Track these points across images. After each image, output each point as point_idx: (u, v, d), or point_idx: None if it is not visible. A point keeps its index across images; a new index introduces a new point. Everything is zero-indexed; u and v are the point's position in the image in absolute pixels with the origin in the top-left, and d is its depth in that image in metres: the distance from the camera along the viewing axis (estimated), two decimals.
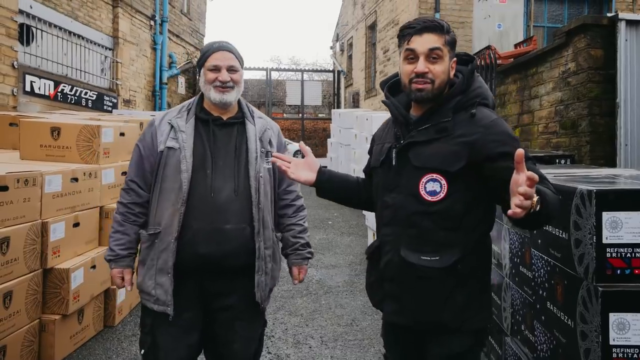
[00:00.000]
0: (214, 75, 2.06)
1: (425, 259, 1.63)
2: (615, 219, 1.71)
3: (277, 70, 25.31)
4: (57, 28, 8.94)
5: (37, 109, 7.88)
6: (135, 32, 11.70)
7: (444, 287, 1.63)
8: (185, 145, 2.03)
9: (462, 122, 1.63)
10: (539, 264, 2.30)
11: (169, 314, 2.01)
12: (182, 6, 14.94)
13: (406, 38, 1.65)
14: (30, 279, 3.05)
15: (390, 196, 1.71)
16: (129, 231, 2.13)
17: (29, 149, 3.83)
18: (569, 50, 5.48)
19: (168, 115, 2.13)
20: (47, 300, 3.23)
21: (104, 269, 3.33)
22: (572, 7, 10.48)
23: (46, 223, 3.19)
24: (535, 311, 2.35)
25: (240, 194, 2.05)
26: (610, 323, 1.68)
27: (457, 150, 1.59)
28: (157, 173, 2.07)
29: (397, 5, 11.09)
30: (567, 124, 5.59)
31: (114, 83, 10.82)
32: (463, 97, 1.67)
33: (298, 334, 3.81)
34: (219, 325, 2.12)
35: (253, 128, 2.15)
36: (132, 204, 2.12)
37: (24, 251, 2.98)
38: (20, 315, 2.96)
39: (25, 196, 3.01)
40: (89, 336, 3.58)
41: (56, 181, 3.33)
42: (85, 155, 3.80)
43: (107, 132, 3.91)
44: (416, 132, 1.66)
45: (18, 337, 2.95)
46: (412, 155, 1.65)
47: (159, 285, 2.02)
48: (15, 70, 7.27)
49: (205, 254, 2.00)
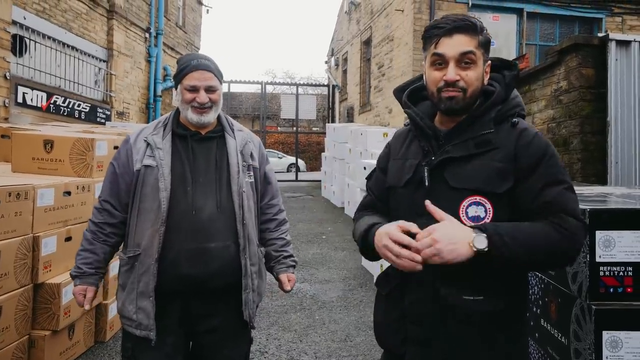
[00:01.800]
0: (192, 96, 1.99)
1: (469, 299, 1.38)
2: (609, 237, 1.73)
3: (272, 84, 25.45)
4: (51, 39, 8.96)
5: (28, 120, 7.86)
6: (130, 45, 11.74)
7: (487, 332, 1.39)
8: (163, 162, 1.97)
9: (504, 135, 1.42)
10: (533, 281, 2.32)
11: (151, 338, 1.94)
12: (177, 19, 15.02)
13: (433, 40, 1.43)
14: (21, 294, 3.02)
15: (420, 222, 1.39)
16: (98, 250, 2.07)
17: (21, 161, 3.82)
18: (561, 69, 5.57)
19: (144, 132, 2.07)
20: (37, 315, 3.20)
21: None
22: (564, 26, 10.68)
23: (37, 237, 3.17)
24: (529, 327, 2.36)
25: (223, 210, 1.99)
26: (604, 341, 1.69)
27: (503, 167, 1.38)
28: (135, 192, 2.00)
29: (392, 21, 11.22)
30: (559, 142, 5.66)
31: (107, 95, 10.83)
32: (504, 107, 1.47)
33: (292, 349, 3.79)
34: (204, 349, 2.06)
35: (234, 141, 2.09)
36: (104, 223, 2.07)
37: (14, 266, 2.96)
38: (9, 331, 2.93)
39: (16, 210, 3.00)
40: (79, 352, 3.55)
41: (48, 195, 3.31)
42: (78, 169, 3.79)
43: (101, 145, 3.91)
44: (452, 147, 1.43)
45: (6, 354, 2.92)
46: (448, 174, 1.42)
47: (141, 309, 1.94)
48: (7, 81, 7.27)
49: (188, 274, 1.93)
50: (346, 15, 16.20)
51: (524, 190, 1.36)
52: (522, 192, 1.36)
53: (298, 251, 6.76)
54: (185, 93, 2.01)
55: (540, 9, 10.43)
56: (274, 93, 26.32)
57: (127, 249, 2.04)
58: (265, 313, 4.52)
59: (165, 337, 1.97)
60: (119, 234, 2.09)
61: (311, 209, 9.98)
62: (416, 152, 1.53)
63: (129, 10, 11.59)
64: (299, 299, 4.94)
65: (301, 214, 9.39)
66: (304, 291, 5.18)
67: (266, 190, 2.25)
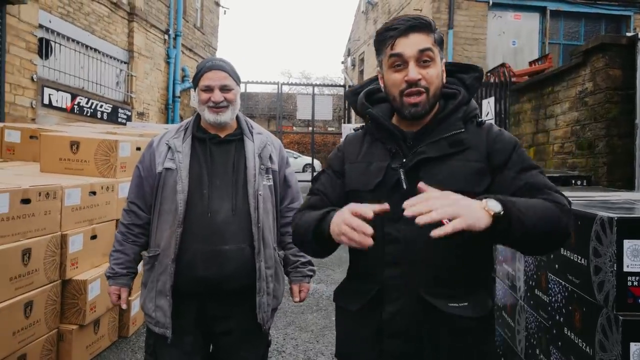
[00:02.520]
0: (207, 96, 2.02)
1: (454, 306, 1.32)
2: (637, 246, 1.70)
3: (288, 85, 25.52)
4: (75, 42, 9.11)
5: (54, 121, 8.00)
6: (150, 46, 11.87)
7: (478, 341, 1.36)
8: (182, 165, 2.00)
9: (473, 134, 1.42)
10: (555, 288, 2.29)
11: (167, 336, 1.98)
12: (195, 21, 15.14)
13: (388, 42, 1.38)
14: (50, 290, 3.10)
15: (396, 227, 1.35)
16: (128, 251, 2.12)
17: (49, 162, 3.90)
18: (587, 70, 5.47)
19: (166, 136, 2.11)
20: (65, 310, 3.28)
21: None
22: (589, 24, 10.41)
23: (65, 235, 3.25)
24: (551, 336, 2.33)
25: (239, 213, 2.00)
26: (632, 352, 1.66)
27: (480, 167, 1.37)
28: (156, 195, 2.05)
29: None
30: (583, 145, 5.57)
31: (128, 96, 10.96)
32: (468, 108, 1.46)
33: (309, 350, 3.81)
34: (221, 350, 2.10)
35: (252, 144, 2.09)
36: (131, 225, 2.12)
37: (44, 262, 3.04)
38: (39, 325, 3.00)
39: (46, 209, 3.07)
40: (104, 346, 3.62)
41: (75, 194, 3.39)
42: (102, 169, 3.86)
43: (124, 147, 3.98)
44: (426, 147, 1.39)
45: (37, 346, 3.00)
46: (425, 176, 1.34)
47: (158, 307, 2.00)
48: (34, 83, 7.41)
49: (204, 276, 1.96)
50: (363, 15, 16.17)
51: (502, 181, 1.35)
52: (500, 183, 1.35)
53: None
54: (201, 94, 2.05)
55: (564, 7, 10.21)
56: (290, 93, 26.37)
57: (149, 248, 2.09)
58: (282, 313, 4.55)
59: (184, 336, 2.01)
60: (146, 234, 2.13)
61: None
62: (382, 154, 1.45)
63: (149, 13, 11.72)
64: (316, 300, 4.96)
65: None
66: (320, 292, 5.21)
67: (286, 193, 2.25)
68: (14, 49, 6.90)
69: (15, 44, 6.93)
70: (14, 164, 4.35)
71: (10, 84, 6.87)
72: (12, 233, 2.78)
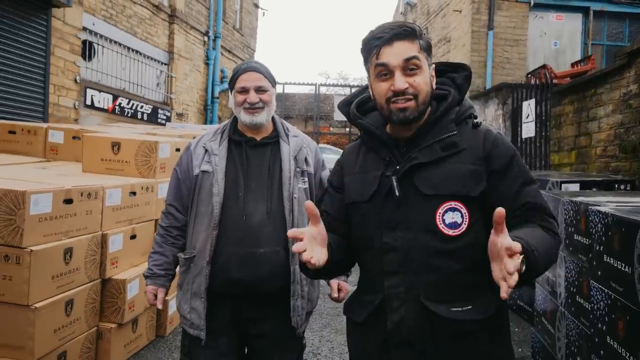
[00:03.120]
0: (243, 97, 2.04)
1: (457, 310, 1.31)
2: None
3: (326, 86, 25.52)
4: (117, 44, 9.35)
5: (96, 121, 8.23)
6: (190, 48, 12.08)
7: (482, 344, 1.34)
8: (218, 168, 2.01)
9: (467, 136, 1.38)
10: (598, 296, 2.22)
11: (201, 338, 2.00)
12: (234, 22, 15.33)
13: (373, 51, 1.37)
14: (90, 288, 3.17)
15: (393, 236, 1.35)
16: (167, 253, 2.15)
17: (90, 162, 4.00)
18: (631, 72, 5.29)
19: (203, 139, 2.13)
20: (105, 309, 3.35)
21: None
22: (634, 24, 10.08)
23: (106, 235, 3.32)
24: (593, 344, 2.25)
25: (273, 216, 2.00)
26: None
27: (475, 170, 1.33)
28: (193, 197, 2.07)
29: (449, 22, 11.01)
30: (627, 148, 5.38)
31: (168, 97, 11.19)
32: (461, 108, 1.43)
33: (344, 352, 3.78)
34: (256, 353, 2.10)
35: (287, 147, 2.09)
36: (170, 227, 2.15)
37: (85, 261, 3.11)
38: (79, 323, 3.08)
39: (87, 209, 3.14)
40: (141, 345, 3.69)
41: (116, 195, 3.46)
42: (142, 170, 3.93)
43: (164, 148, 4.04)
44: (418, 152, 1.37)
45: (77, 344, 3.07)
46: (418, 181, 1.34)
47: (193, 309, 2.01)
48: (77, 84, 7.63)
49: (238, 279, 1.96)
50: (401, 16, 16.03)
51: (504, 192, 1.34)
52: (502, 193, 1.34)
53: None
54: (237, 96, 2.06)
55: (608, 7, 9.91)
56: (327, 94, 26.41)
57: (186, 250, 2.11)
58: (317, 314, 4.53)
59: (218, 338, 2.02)
60: (184, 236, 2.15)
61: None
62: (376, 163, 1.44)
63: (189, 15, 11.92)
64: None
65: None
66: None
67: (320, 194, 2.24)
68: (58, 51, 7.13)
69: (59, 46, 7.16)
70: (57, 164, 4.48)
71: (54, 85, 7.10)
72: (54, 232, 2.86)
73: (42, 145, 4.85)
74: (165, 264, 2.15)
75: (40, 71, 6.89)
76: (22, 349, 2.67)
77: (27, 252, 2.65)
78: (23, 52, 6.60)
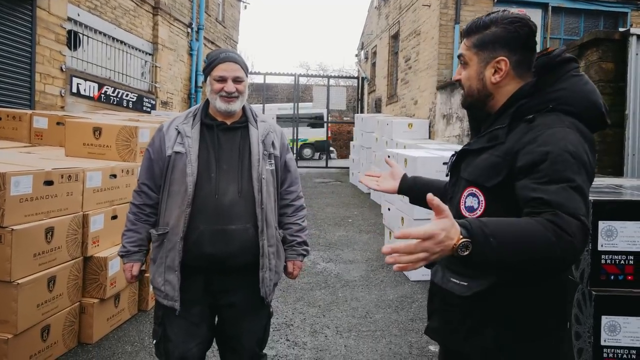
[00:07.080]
0: (220, 86, 2.05)
1: (454, 282, 1.38)
2: (611, 227, 1.70)
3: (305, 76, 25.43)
4: (102, 34, 9.16)
5: (82, 109, 8.10)
6: (174, 39, 11.90)
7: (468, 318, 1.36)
8: (191, 150, 2.03)
9: (518, 130, 1.31)
10: None
11: (176, 308, 2.04)
12: (217, 15, 15.12)
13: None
14: (72, 266, 3.17)
15: (448, 206, 1.30)
16: (141, 230, 2.16)
17: (73, 146, 3.97)
18: (581, 63, 5.40)
19: (175, 121, 2.13)
20: (87, 285, 3.35)
21: None
22: (588, 20, 10.28)
23: (87, 215, 3.31)
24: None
25: (244, 195, 2.05)
26: (602, 325, 1.68)
27: (498, 163, 1.30)
28: (166, 176, 2.08)
29: (419, 16, 11.03)
30: None
31: (152, 86, 11.03)
32: (530, 101, 1.33)
33: (315, 323, 3.86)
34: (226, 322, 2.15)
35: (256, 132, 2.13)
36: (143, 205, 2.16)
37: (66, 240, 3.10)
38: (62, 298, 3.08)
39: (68, 190, 3.13)
40: (124, 319, 3.70)
41: (96, 177, 3.44)
42: (123, 154, 3.91)
43: (143, 133, 4.02)
44: (474, 140, 1.44)
45: (60, 318, 3.08)
46: (463, 165, 1.43)
47: (168, 281, 2.05)
48: (63, 73, 7.49)
49: (211, 253, 2.01)
50: (376, 10, 16.00)
51: (525, 185, 1.21)
52: (521, 187, 1.22)
53: (325, 233, 6.81)
54: (214, 83, 2.06)
55: (566, 4, 10.07)
56: (307, 84, 26.29)
57: (158, 227, 2.12)
58: (292, 289, 4.59)
59: (191, 308, 2.07)
60: (156, 213, 2.17)
61: (339, 194, 10.01)
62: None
63: (173, 7, 11.73)
64: (324, 277, 5.00)
65: (330, 199, 9.43)
66: (329, 270, 5.24)
67: (286, 177, 2.28)
68: (44, 40, 6.98)
69: (45, 35, 7.00)
70: (41, 149, 4.43)
71: (40, 74, 6.95)
72: (35, 212, 2.85)
73: (27, 130, 4.78)
74: (138, 241, 2.17)
75: (26, 60, 6.74)
76: (6, 322, 2.67)
77: (8, 231, 2.64)
78: (8, 42, 6.44)
